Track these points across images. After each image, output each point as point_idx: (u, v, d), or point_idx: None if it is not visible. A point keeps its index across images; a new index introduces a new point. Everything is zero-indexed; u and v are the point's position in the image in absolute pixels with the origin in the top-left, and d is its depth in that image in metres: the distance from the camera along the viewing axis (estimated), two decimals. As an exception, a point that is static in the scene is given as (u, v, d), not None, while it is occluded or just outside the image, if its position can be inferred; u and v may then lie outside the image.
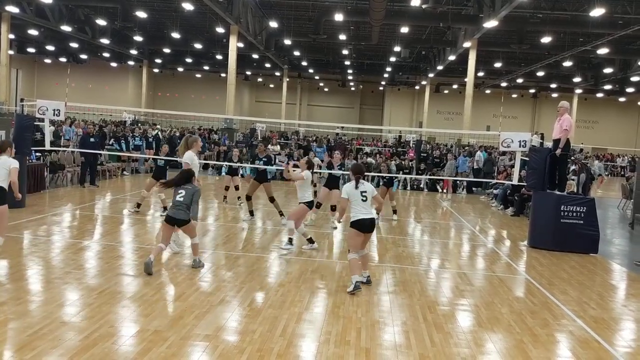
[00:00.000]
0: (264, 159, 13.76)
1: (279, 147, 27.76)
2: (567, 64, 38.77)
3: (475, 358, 5.71)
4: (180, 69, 55.65)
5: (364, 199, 7.78)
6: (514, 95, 56.21)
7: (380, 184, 14.87)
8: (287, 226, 10.25)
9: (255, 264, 9.05)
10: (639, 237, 14.83)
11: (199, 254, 8.57)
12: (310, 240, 10.27)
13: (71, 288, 7.14)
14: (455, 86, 53.66)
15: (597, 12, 23.13)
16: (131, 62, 53.36)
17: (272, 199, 13.20)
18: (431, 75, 48.08)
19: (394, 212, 14.89)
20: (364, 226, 7.71)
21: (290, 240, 10.14)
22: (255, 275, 8.35)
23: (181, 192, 8.17)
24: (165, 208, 12.65)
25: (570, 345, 6.31)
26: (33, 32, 39.72)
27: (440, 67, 42.28)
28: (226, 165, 16.47)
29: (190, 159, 9.52)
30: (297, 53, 44.77)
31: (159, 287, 7.39)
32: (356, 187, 7.82)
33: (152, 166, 16.87)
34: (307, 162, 10.36)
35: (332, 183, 13.32)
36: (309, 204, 10.22)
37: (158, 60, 52.75)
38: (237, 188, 15.33)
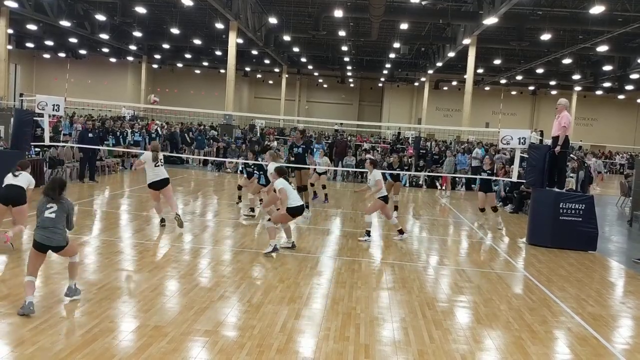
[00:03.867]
0: (302, 146, 13.78)
1: (275, 143, 27.75)
2: (567, 61, 38.79)
3: (474, 354, 5.73)
4: (180, 65, 55.58)
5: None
6: (513, 93, 56.19)
7: (388, 177, 14.65)
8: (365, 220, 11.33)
9: (254, 260, 9.07)
10: (637, 234, 14.86)
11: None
12: (401, 232, 11.52)
13: (71, 283, 7.14)
14: (454, 83, 53.60)
15: (597, 9, 23.13)
16: (130, 58, 53.26)
17: (304, 187, 13.22)
18: (430, 71, 48.05)
19: (395, 208, 14.77)
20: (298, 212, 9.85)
21: (367, 233, 11.22)
22: (254, 271, 8.36)
23: None
24: (252, 209, 12.92)
25: (568, 342, 6.34)
26: (32, 27, 39.61)
27: (439, 64, 42.26)
28: (242, 165, 15.57)
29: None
30: (296, 49, 44.72)
31: (158, 283, 7.40)
32: None
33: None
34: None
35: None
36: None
37: (157, 56, 52.67)
38: (239, 188, 14.97)
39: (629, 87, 47.83)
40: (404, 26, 32.40)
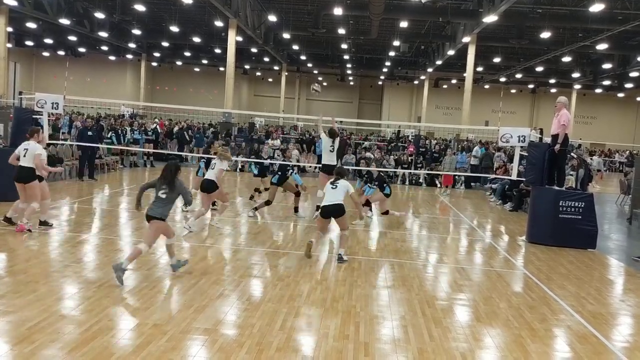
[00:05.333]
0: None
1: (279, 141, 27.74)
2: (566, 59, 38.77)
3: (474, 352, 5.73)
4: (179, 63, 55.52)
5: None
6: (513, 91, 56.18)
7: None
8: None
9: (254, 258, 9.06)
10: (636, 232, 14.86)
11: None
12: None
13: (70, 281, 7.15)
14: (454, 81, 53.56)
15: (597, 7, 23.12)
16: (129, 56, 53.21)
17: (298, 193, 13.30)
18: (430, 70, 48.00)
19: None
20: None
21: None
22: (254, 269, 8.36)
23: None
24: (256, 209, 12.92)
25: (568, 340, 6.33)
26: (31, 25, 39.60)
27: (439, 62, 42.22)
28: (256, 165, 15.63)
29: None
30: (296, 47, 44.67)
31: (157, 281, 7.39)
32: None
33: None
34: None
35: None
36: None
37: (156, 54, 52.62)
38: (257, 190, 15.06)
39: (629, 85, 47.85)
40: (403, 24, 32.37)
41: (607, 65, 40.64)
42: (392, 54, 43.34)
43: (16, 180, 9.36)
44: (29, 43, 48.60)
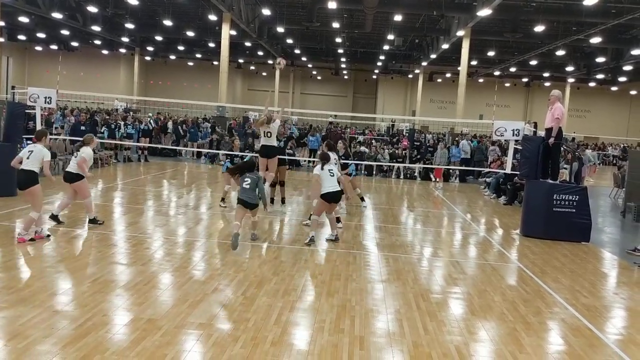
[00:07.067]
0: (283, 139, 14.30)
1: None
2: (560, 53, 38.82)
3: (468, 346, 5.74)
4: (173, 57, 55.36)
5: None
6: (507, 84, 56.27)
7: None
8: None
9: (248, 252, 9.05)
10: (630, 225, 14.92)
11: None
12: None
13: (63, 276, 7.12)
14: (448, 75, 53.62)
15: (590, 0, 23.11)
16: (123, 50, 52.99)
17: (282, 183, 13.32)
18: (424, 63, 48.01)
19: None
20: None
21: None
22: (249, 263, 8.35)
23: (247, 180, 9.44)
24: (223, 199, 13.05)
25: (562, 333, 6.35)
26: (24, 19, 39.31)
27: (433, 56, 42.20)
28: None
29: None
30: (290, 41, 44.56)
31: (152, 276, 7.37)
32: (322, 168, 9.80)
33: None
34: None
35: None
36: None
37: (150, 48, 52.41)
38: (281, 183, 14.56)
39: (622, 79, 47.97)
40: (398, 18, 32.33)
41: (600, 59, 40.71)
42: (386, 47, 43.31)
43: (17, 187, 9.12)
44: (22, 37, 48.29)
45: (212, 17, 33.73)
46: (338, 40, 43.13)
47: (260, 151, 12.31)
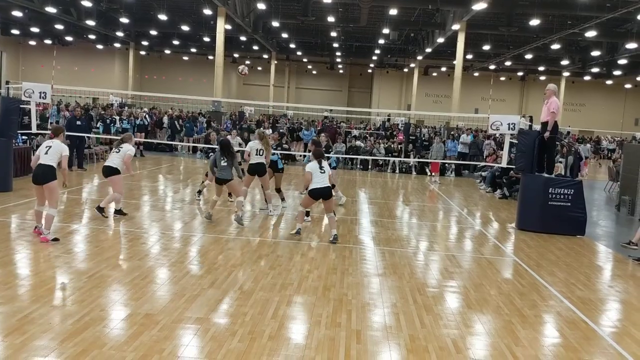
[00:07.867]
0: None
1: (269, 131, 27.64)
2: (555, 46, 38.82)
3: (465, 339, 5.77)
4: (167, 52, 55.05)
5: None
6: (502, 78, 56.31)
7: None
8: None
9: (245, 247, 9.07)
10: (625, 219, 14.99)
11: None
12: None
13: (60, 272, 7.12)
14: (443, 69, 53.56)
15: (586, -6, 23.14)
16: (117, 45, 52.68)
17: (278, 190, 13.00)
18: (420, 57, 47.96)
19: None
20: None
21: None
22: (245, 258, 8.36)
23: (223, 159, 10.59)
24: (200, 192, 13.35)
25: (557, 326, 6.39)
26: (17, 13, 39.02)
27: (429, 50, 42.18)
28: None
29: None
30: (285, 35, 44.44)
31: (149, 271, 7.38)
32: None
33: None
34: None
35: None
36: None
37: (145, 43, 52.13)
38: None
39: (617, 73, 48.02)
40: (393, 12, 32.26)
41: (595, 53, 40.71)
42: (381, 41, 43.22)
43: (34, 181, 8.68)
44: (15, 32, 47.96)
45: (207, 12, 33.58)
46: (333, 34, 43.01)
47: (250, 169, 11.82)
